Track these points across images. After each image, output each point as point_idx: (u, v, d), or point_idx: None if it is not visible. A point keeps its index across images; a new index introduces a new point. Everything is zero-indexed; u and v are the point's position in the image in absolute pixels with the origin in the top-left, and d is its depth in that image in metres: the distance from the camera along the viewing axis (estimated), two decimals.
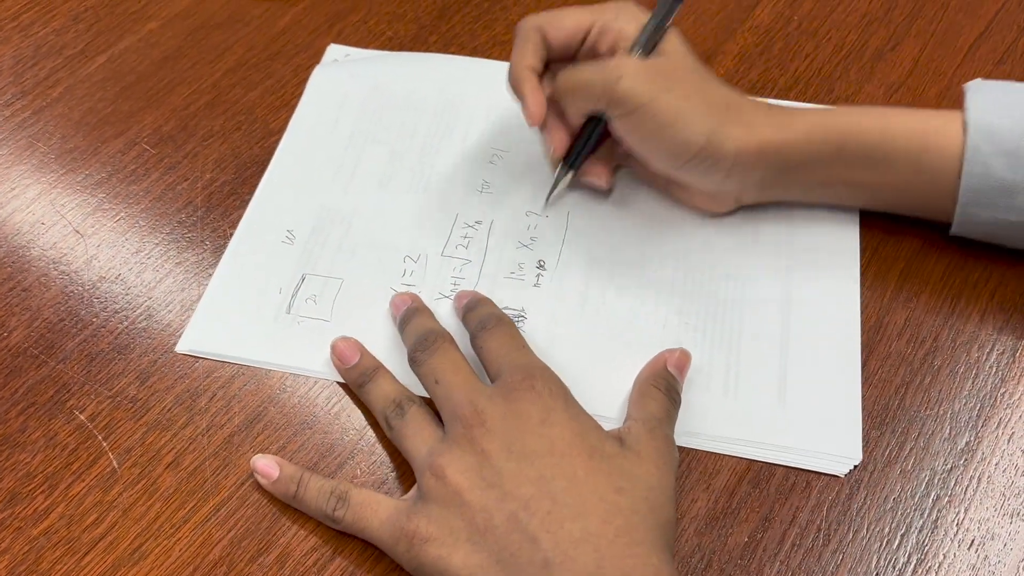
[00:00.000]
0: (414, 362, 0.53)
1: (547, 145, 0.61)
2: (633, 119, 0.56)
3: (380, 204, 0.64)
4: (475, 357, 0.54)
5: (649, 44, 0.56)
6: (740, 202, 0.61)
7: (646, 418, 0.52)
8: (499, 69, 0.71)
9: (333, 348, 0.56)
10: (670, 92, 0.55)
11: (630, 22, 0.57)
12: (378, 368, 0.55)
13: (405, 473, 0.53)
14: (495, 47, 0.73)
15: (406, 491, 0.52)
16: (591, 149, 0.61)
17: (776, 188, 0.60)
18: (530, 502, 0.46)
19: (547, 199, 0.63)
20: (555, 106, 0.60)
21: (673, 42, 0.58)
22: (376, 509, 0.49)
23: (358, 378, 0.55)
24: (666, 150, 0.57)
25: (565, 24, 0.57)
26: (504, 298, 0.60)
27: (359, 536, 0.50)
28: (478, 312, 0.56)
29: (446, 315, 0.58)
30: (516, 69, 0.58)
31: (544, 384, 0.50)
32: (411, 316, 0.56)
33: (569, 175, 0.62)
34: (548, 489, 0.46)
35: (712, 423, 0.55)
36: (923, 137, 0.56)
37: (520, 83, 0.58)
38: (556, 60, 0.60)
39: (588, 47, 0.58)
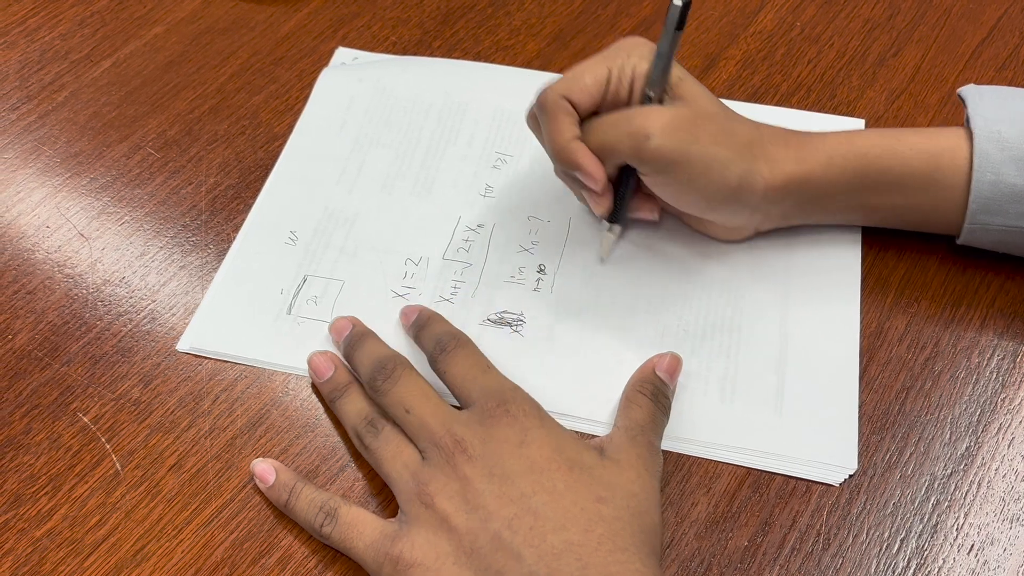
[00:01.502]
0: (376, 391, 0.53)
1: (591, 208, 0.58)
2: (664, 177, 0.55)
3: (383, 206, 0.65)
4: (432, 374, 0.55)
5: (662, 78, 0.55)
6: (759, 230, 0.61)
7: (629, 426, 0.52)
8: (504, 74, 0.72)
9: (309, 362, 0.57)
10: (697, 142, 0.54)
11: (643, 59, 0.55)
12: (351, 383, 0.55)
13: None
14: (498, 52, 0.73)
15: None
16: (628, 199, 0.59)
17: (796, 217, 0.60)
18: (513, 520, 0.46)
19: (602, 258, 0.61)
20: None
21: (689, 85, 0.56)
22: (362, 530, 0.49)
23: (330, 392, 0.55)
24: (698, 199, 0.56)
25: (587, 84, 0.55)
26: (504, 302, 0.60)
27: (344, 554, 0.50)
28: (432, 331, 0.56)
29: (446, 316, 0.58)
30: (561, 144, 0.55)
31: (518, 407, 0.50)
32: (359, 342, 0.56)
33: (618, 229, 0.60)
34: (529, 505, 0.47)
35: (708, 430, 0.55)
36: (936, 156, 0.56)
37: (572, 155, 0.55)
38: (584, 118, 0.57)
39: (611, 97, 0.56)
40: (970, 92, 0.59)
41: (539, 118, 0.56)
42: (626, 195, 0.59)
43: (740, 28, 0.74)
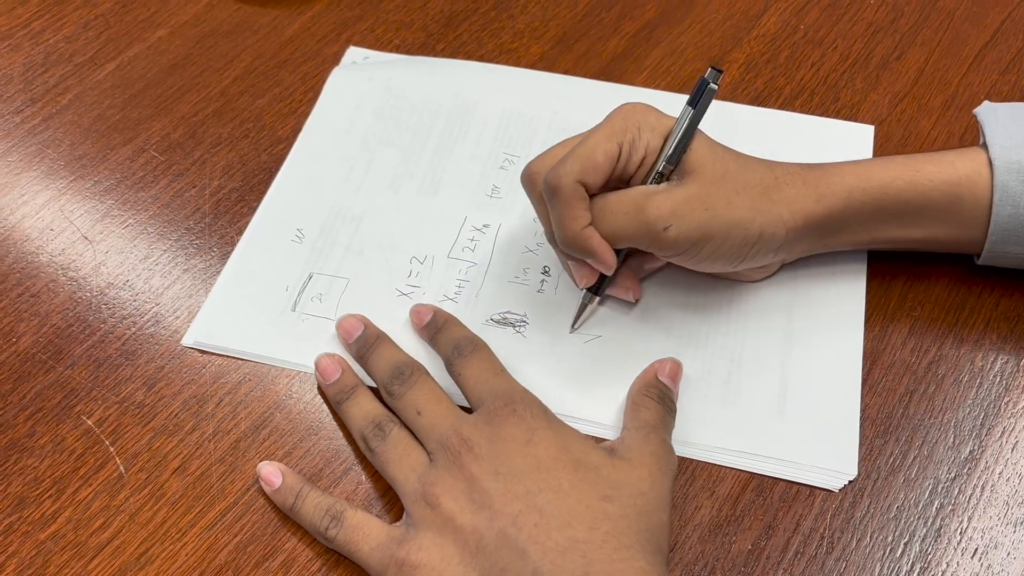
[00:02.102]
0: (391, 395, 0.53)
1: (575, 279, 0.58)
2: (686, 256, 0.54)
3: (390, 205, 0.65)
4: (444, 377, 0.55)
5: (676, 157, 0.53)
6: (784, 263, 0.60)
7: (640, 425, 0.52)
8: (514, 75, 0.72)
9: (316, 364, 0.57)
10: (715, 215, 0.53)
11: (654, 133, 0.54)
12: (357, 386, 0.55)
13: None
14: (502, 55, 0.73)
15: None
16: (614, 279, 0.58)
17: (818, 249, 0.59)
18: (518, 517, 0.47)
19: (573, 326, 0.59)
20: None
21: (692, 154, 0.54)
22: (368, 534, 0.49)
23: (336, 395, 0.55)
24: (723, 263, 0.55)
25: (599, 163, 0.52)
26: (507, 302, 0.60)
27: (349, 559, 0.50)
28: (451, 335, 0.56)
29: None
30: (575, 232, 0.53)
31: (525, 407, 0.51)
32: (373, 346, 0.56)
33: (595, 301, 0.59)
34: (535, 503, 0.47)
35: (710, 433, 0.55)
36: (955, 187, 0.56)
37: (586, 243, 0.53)
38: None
39: (618, 173, 0.54)
40: (986, 114, 0.58)
41: (548, 200, 0.53)
42: (610, 274, 0.56)
43: (743, 31, 0.74)
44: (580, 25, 0.75)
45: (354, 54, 0.74)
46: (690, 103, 0.53)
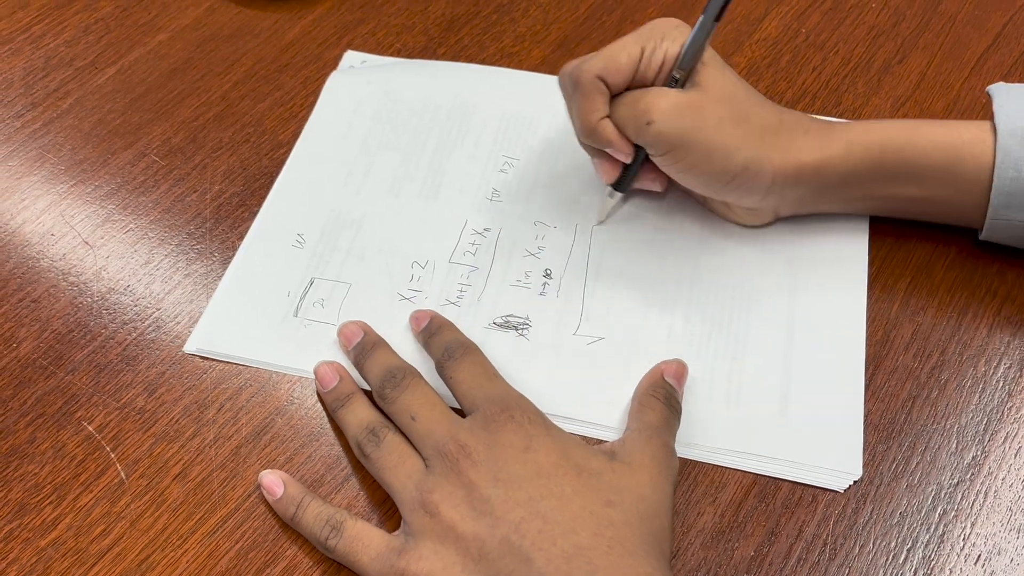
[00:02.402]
0: (384, 399, 0.53)
1: (601, 175, 0.61)
2: (667, 158, 0.56)
3: (390, 209, 0.65)
4: (440, 383, 0.55)
5: (691, 62, 0.56)
6: (778, 215, 0.61)
7: (643, 427, 0.52)
8: (513, 78, 0.72)
9: (315, 371, 0.57)
10: (701, 129, 0.55)
11: (675, 42, 0.56)
12: (354, 393, 0.55)
13: None
14: (503, 59, 0.73)
15: None
16: (637, 171, 0.60)
17: (815, 203, 0.60)
18: (521, 524, 0.46)
19: (600, 220, 0.63)
20: None
21: (710, 70, 0.56)
22: (367, 544, 0.49)
23: (333, 402, 0.55)
24: (703, 181, 0.58)
25: (621, 64, 0.56)
26: (510, 305, 0.60)
27: (349, 568, 0.50)
28: (442, 338, 0.56)
29: (452, 319, 0.58)
30: (592, 123, 0.57)
31: (522, 413, 0.50)
32: (370, 351, 0.56)
33: (618, 197, 0.62)
34: (537, 509, 0.47)
35: (713, 435, 0.55)
36: (957, 149, 0.56)
37: (602, 133, 0.57)
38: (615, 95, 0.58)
39: (639, 76, 0.57)
40: (998, 89, 0.59)
41: (571, 93, 0.57)
42: (634, 166, 0.60)
43: (745, 35, 0.74)
44: (581, 29, 0.75)
45: (352, 58, 0.74)
46: (705, 11, 0.55)
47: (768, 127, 0.57)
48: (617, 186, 0.61)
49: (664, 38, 0.56)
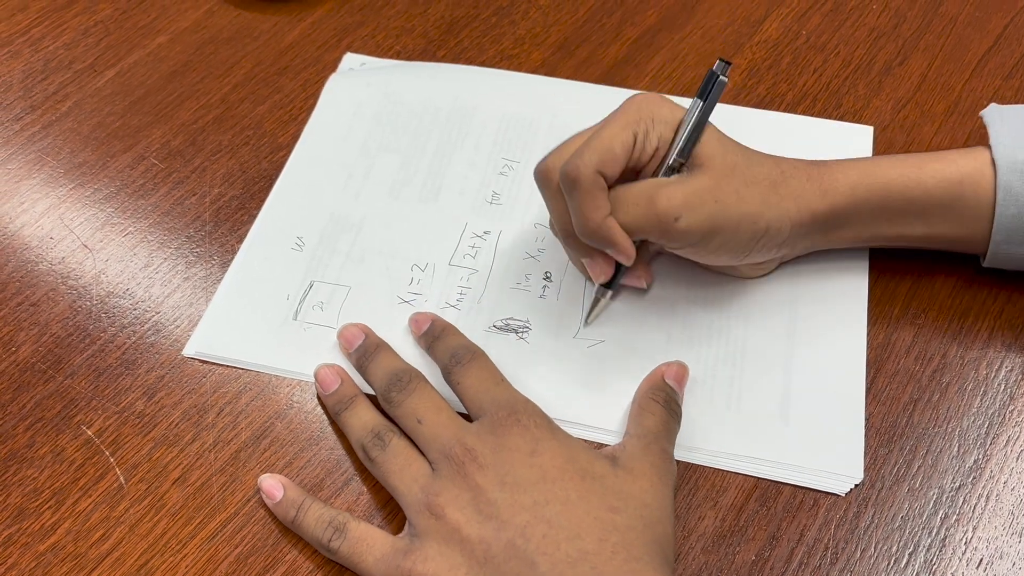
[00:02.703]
0: (390, 403, 0.53)
1: (591, 275, 0.58)
2: (695, 247, 0.54)
3: (390, 212, 0.65)
4: (442, 385, 0.55)
5: (690, 151, 0.53)
6: (782, 261, 0.60)
7: (642, 433, 0.52)
8: (513, 79, 0.72)
9: (316, 374, 0.57)
10: (724, 208, 0.53)
11: (667, 125, 0.54)
12: (356, 396, 0.55)
13: None
14: (503, 61, 0.73)
15: None
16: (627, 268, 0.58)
17: (820, 245, 0.59)
18: (526, 528, 0.46)
19: (586, 320, 0.59)
20: None
21: (703, 147, 0.54)
22: (372, 545, 0.49)
23: (335, 405, 0.55)
24: (730, 255, 0.56)
25: (616, 154, 0.52)
26: (509, 308, 0.60)
27: (352, 570, 0.50)
28: (447, 343, 0.56)
29: (452, 322, 0.58)
30: (597, 223, 0.52)
31: (529, 417, 0.50)
32: (373, 354, 0.56)
33: (609, 295, 0.59)
34: (543, 514, 0.47)
35: (714, 438, 0.55)
36: (958, 186, 0.56)
37: (608, 233, 0.53)
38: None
39: (632, 164, 0.54)
40: (992, 116, 0.58)
41: (568, 192, 0.53)
42: (630, 264, 0.57)
43: (745, 37, 0.74)
44: (581, 31, 0.75)
45: (351, 60, 0.74)
46: (700, 96, 0.53)
47: (776, 181, 0.55)
48: (609, 285, 0.58)
49: (655, 121, 0.53)
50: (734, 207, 0.53)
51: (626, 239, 0.53)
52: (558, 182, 0.53)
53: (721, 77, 0.53)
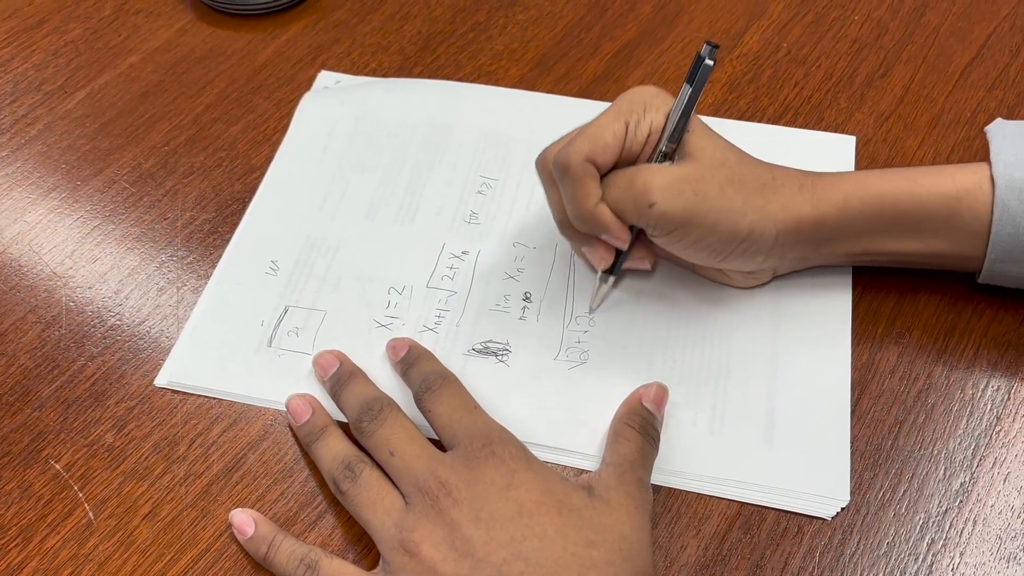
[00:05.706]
0: (361, 433, 0.52)
1: (592, 262, 0.58)
2: (672, 236, 0.54)
3: (366, 234, 0.64)
4: (418, 414, 0.54)
5: (678, 136, 0.53)
6: (776, 274, 0.60)
7: (618, 462, 0.51)
8: (490, 94, 0.70)
9: (287, 405, 0.56)
10: (704, 200, 0.52)
11: (659, 113, 0.54)
12: (327, 426, 0.54)
13: None
14: (480, 77, 0.72)
15: None
16: (627, 252, 0.58)
17: (813, 259, 0.58)
18: (503, 567, 0.45)
19: (592, 308, 0.60)
20: None
21: (697, 138, 0.54)
22: None
23: (306, 436, 0.54)
24: (710, 253, 0.55)
25: (608, 143, 0.53)
26: (489, 331, 0.59)
27: None
28: (420, 369, 0.55)
29: (428, 347, 0.57)
30: (589, 209, 0.53)
31: (504, 448, 0.49)
32: (346, 382, 0.55)
33: (611, 281, 0.59)
34: (520, 551, 0.46)
35: (696, 462, 0.54)
36: (954, 201, 0.55)
37: (600, 218, 0.53)
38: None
39: (625, 153, 0.54)
40: (995, 131, 0.57)
41: (560, 178, 0.54)
42: (626, 252, 0.57)
43: (725, 51, 0.73)
44: (559, 46, 0.74)
45: (326, 78, 0.72)
46: (688, 81, 0.53)
47: (765, 185, 0.55)
48: (611, 271, 0.58)
49: (647, 109, 0.54)
50: (714, 201, 0.53)
51: (617, 223, 0.53)
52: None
53: (707, 61, 0.52)
